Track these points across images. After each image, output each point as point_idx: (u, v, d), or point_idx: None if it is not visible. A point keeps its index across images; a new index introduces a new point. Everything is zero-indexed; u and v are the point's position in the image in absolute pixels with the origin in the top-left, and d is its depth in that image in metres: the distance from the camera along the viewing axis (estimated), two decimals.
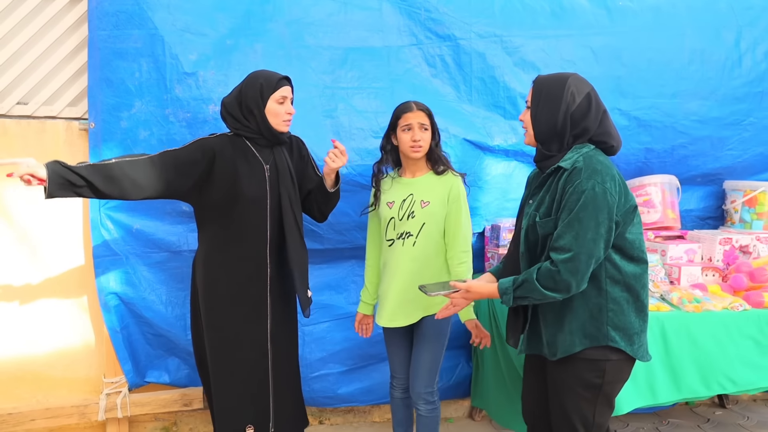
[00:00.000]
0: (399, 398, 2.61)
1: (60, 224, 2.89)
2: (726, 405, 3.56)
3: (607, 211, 1.74)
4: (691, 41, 3.17)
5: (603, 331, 1.82)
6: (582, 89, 1.85)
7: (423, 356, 2.44)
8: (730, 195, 3.26)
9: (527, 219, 1.90)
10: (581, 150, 1.84)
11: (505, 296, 1.84)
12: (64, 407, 2.80)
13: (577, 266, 1.72)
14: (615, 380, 1.88)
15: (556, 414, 1.95)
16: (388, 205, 2.44)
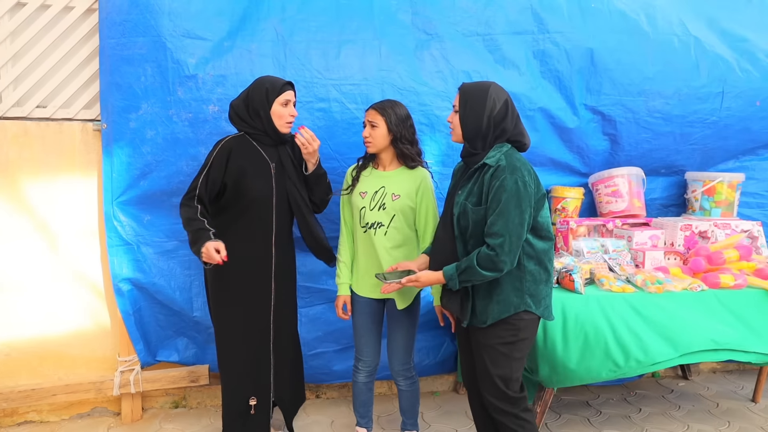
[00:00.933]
0: (362, 382, 2.68)
1: (77, 216, 3.06)
2: (688, 377, 3.77)
3: (527, 200, 2.06)
4: (656, 45, 3.33)
5: (523, 300, 2.13)
6: (501, 96, 2.15)
7: (399, 335, 2.60)
8: (691, 185, 3.43)
9: (458, 207, 2.16)
10: (501, 149, 2.14)
11: (451, 281, 2.13)
12: (82, 383, 2.98)
13: (510, 247, 2.03)
14: (526, 337, 2.18)
15: (480, 371, 2.22)
16: (361, 194, 2.54)
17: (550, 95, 3.29)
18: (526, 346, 2.21)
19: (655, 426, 3.12)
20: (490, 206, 2.06)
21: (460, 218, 2.16)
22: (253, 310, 2.53)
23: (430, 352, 3.39)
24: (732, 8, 3.45)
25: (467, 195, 2.15)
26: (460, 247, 2.18)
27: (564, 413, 3.27)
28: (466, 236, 2.16)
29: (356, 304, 2.64)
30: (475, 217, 2.11)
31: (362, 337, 2.64)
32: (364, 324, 2.63)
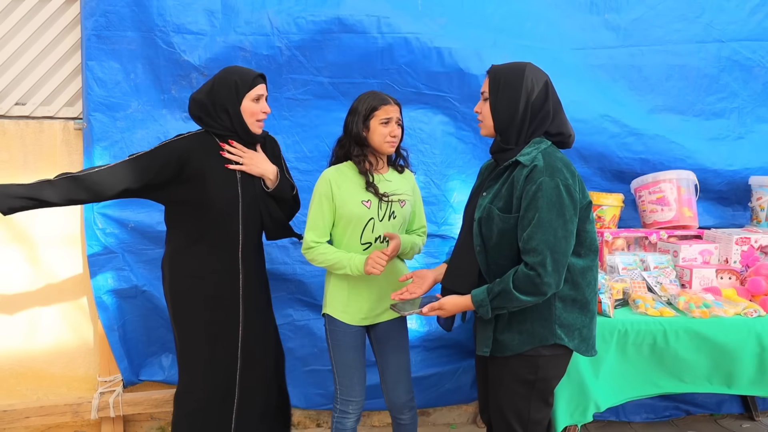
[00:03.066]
0: (351, 428, 2.40)
1: (58, 223, 2.99)
2: (755, 417, 3.45)
3: (572, 208, 1.79)
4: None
5: (552, 330, 1.86)
6: (540, 78, 1.89)
7: (400, 358, 2.40)
8: (756, 192, 3.14)
9: (480, 210, 1.89)
10: (539, 146, 1.86)
11: (482, 309, 1.85)
12: (57, 405, 2.90)
13: (555, 266, 1.76)
14: (549, 376, 1.92)
15: (493, 410, 2.00)
16: (364, 204, 2.28)
17: None
18: (551, 386, 1.96)
19: None
20: (524, 215, 1.80)
21: (482, 224, 1.89)
22: (218, 334, 2.31)
23: (444, 378, 3.22)
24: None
25: (493, 197, 1.89)
26: (481, 261, 1.92)
27: None
28: (488, 247, 1.90)
29: (343, 337, 2.35)
30: (503, 226, 1.84)
31: (353, 375, 2.36)
32: (355, 359, 2.36)
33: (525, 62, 1.92)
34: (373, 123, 2.27)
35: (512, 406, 1.94)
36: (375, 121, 2.26)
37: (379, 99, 2.29)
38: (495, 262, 1.89)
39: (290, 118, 3.02)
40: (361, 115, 2.27)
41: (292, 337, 3.10)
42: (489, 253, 1.89)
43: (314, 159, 3.04)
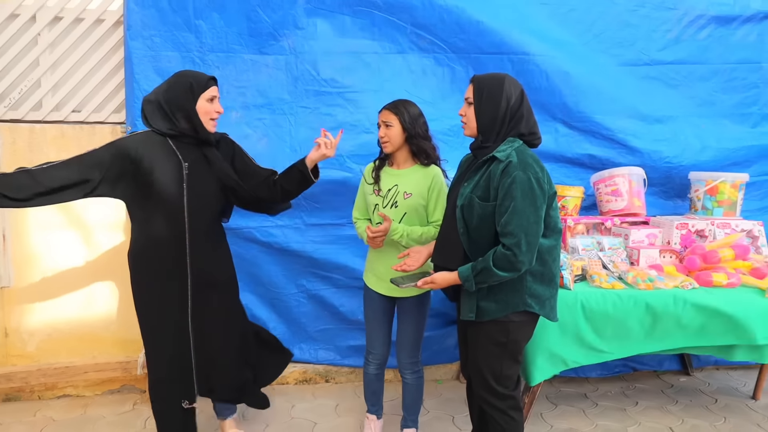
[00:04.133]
0: (373, 374, 2.50)
1: (108, 212, 3.03)
2: (690, 372, 3.47)
3: (542, 198, 1.80)
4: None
5: (523, 299, 1.88)
6: (516, 87, 1.89)
7: (409, 329, 2.40)
8: (694, 185, 3.14)
9: (462, 198, 1.90)
10: (513, 144, 1.87)
11: (467, 283, 1.86)
12: (110, 363, 2.98)
13: (528, 247, 1.77)
14: (518, 339, 1.94)
15: (472, 367, 2.02)
16: (375, 192, 2.35)
17: None
18: (520, 347, 1.98)
19: (650, 419, 2.87)
20: (501, 204, 1.81)
21: (464, 210, 1.90)
22: (169, 318, 2.16)
23: (433, 342, 3.22)
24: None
25: (473, 187, 1.89)
26: (465, 242, 1.93)
27: (561, 404, 3.06)
28: (470, 229, 1.91)
29: (368, 298, 2.45)
30: (482, 212, 1.85)
31: (373, 330, 2.46)
32: (376, 317, 2.44)
33: (503, 74, 1.93)
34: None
35: (487, 364, 1.96)
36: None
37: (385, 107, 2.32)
38: (476, 242, 1.90)
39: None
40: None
41: (305, 303, 3.14)
42: (470, 235, 1.90)
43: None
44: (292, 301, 3.13)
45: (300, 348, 3.20)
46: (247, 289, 3.12)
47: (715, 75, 3.30)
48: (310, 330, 3.17)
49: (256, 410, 2.86)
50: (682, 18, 3.20)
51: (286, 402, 3.01)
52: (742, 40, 3.25)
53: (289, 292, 3.12)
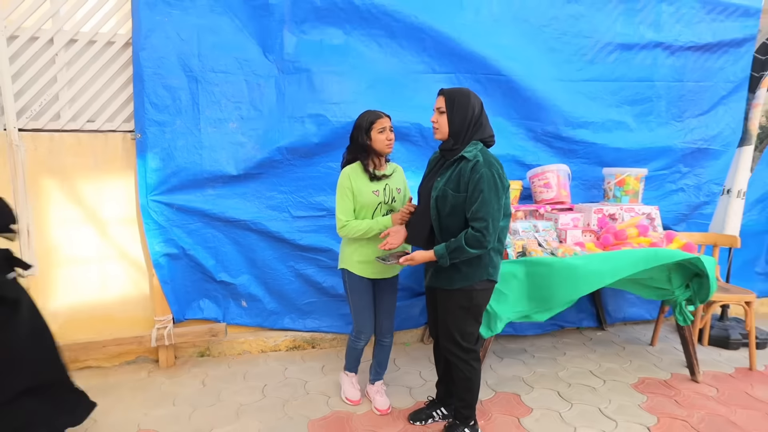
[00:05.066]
0: (362, 348, 2.49)
1: (120, 207, 3.03)
2: (605, 328, 3.73)
3: (502, 189, 1.95)
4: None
5: (486, 270, 2.03)
6: (478, 100, 2.03)
7: (390, 303, 2.48)
8: (607, 178, 3.36)
9: (437, 191, 2.02)
10: (477, 146, 2.00)
11: (442, 259, 1.99)
12: (126, 338, 2.96)
13: (493, 229, 1.92)
14: (480, 303, 2.09)
15: (441, 324, 2.15)
16: (374, 193, 2.30)
17: None
18: (481, 309, 2.12)
19: (575, 365, 3.09)
20: (471, 195, 1.91)
21: (439, 201, 2.00)
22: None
23: (400, 310, 3.33)
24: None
25: (446, 182, 1.99)
26: (436, 227, 2.04)
27: (506, 357, 3.24)
28: (442, 216, 2.02)
29: (360, 286, 2.37)
30: (454, 202, 1.96)
31: (364, 313, 2.40)
32: (366, 301, 2.39)
33: (466, 88, 2.04)
34: (373, 133, 2.27)
35: (455, 324, 2.08)
36: (374, 131, 2.27)
37: (375, 114, 2.29)
38: (446, 227, 2.02)
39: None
40: (363, 128, 2.28)
41: (294, 281, 3.21)
42: (442, 221, 2.03)
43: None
44: (283, 280, 3.20)
45: (291, 318, 3.29)
46: (246, 271, 3.19)
47: (621, 90, 3.54)
48: (298, 303, 3.25)
49: (255, 373, 2.96)
50: (595, 44, 3.44)
51: (279, 365, 3.10)
52: (641, 63, 3.51)
53: (281, 272, 3.19)
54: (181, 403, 2.59)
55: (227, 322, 3.20)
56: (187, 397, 2.66)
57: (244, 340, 3.26)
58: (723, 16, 3.54)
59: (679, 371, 2.99)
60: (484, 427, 2.34)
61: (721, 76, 3.67)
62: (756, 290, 4.09)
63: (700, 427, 2.33)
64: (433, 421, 2.40)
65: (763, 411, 2.49)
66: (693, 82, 3.64)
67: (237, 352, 3.26)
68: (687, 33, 3.54)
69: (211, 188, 3.04)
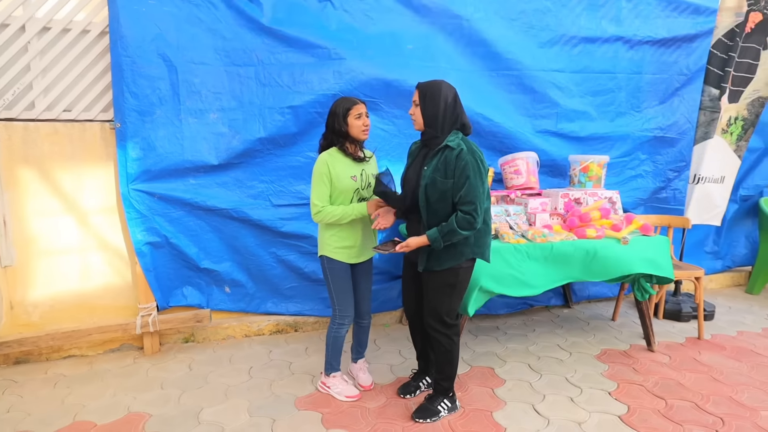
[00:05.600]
0: (344, 335, 2.47)
1: (100, 197, 3.01)
2: (571, 306, 3.97)
3: (485, 174, 2.08)
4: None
5: (472, 249, 2.16)
6: (451, 90, 2.13)
7: (368, 285, 2.55)
8: (572, 164, 3.53)
9: (426, 179, 2.11)
10: (458, 135, 2.12)
11: (436, 243, 2.08)
12: (111, 325, 2.96)
13: (480, 211, 2.05)
14: (464, 280, 2.22)
15: (428, 306, 2.25)
16: (352, 178, 2.32)
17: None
18: (465, 286, 2.23)
19: (543, 340, 3.30)
20: (458, 181, 2.02)
21: (428, 188, 2.09)
22: None
23: (379, 293, 3.49)
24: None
25: (433, 170, 2.07)
26: (424, 213, 2.12)
27: (480, 335, 3.42)
28: (430, 203, 2.10)
29: (340, 271, 2.39)
30: (443, 188, 2.06)
31: (347, 298, 2.41)
32: (348, 286, 2.42)
33: (440, 80, 2.13)
34: (350, 119, 2.30)
35: (441, 302, 2.18)
36: (351, 117, 2.30)
37: (351, 101, 2.31)
38: (435, 212, 2.11)
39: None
40: (340, 115, 2.29)
41: (276, 266, 3.27)
42: (431, 206, 2.11)
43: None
44: (266, 266, 3.26)
45: (273, 302, 3.36)
46: (228, 258, 3.24)
47: (586, 81, 3.73)
48: (280, 288, 3.33)
49: (240, 357, 3.04)
50: (561, 37, 3.61)
51: (264, 348, 3.18)
52: (603, 56, 3.71)
53: (263, 258, 3.25)
54: (169, 386, 2.65)
55: (211, 308, 3.25)
56: (174, 381, 2.72)
57: (228, 326, 3.33)
58: (676, 13, 3.77)
59: (637, 342, 3.24)
60: (462, 398, 2.50)
61: (676, 69, 3.91)
62: (705, 268, 4.43)
63: (654, 390, 2.56)
64: (420, 391, 2.54)
65: (707, 374, 2.75)
66: (650, 75, 3.87)
67: (221, 338, 3.32)
68: (645, 28, 3.75)
69: (193, 177, 3.07)
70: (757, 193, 4.44)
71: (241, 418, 2.34)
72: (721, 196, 3.99)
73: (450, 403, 2.35)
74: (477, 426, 2.24)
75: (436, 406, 2.32)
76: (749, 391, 2.55)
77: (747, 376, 2.72)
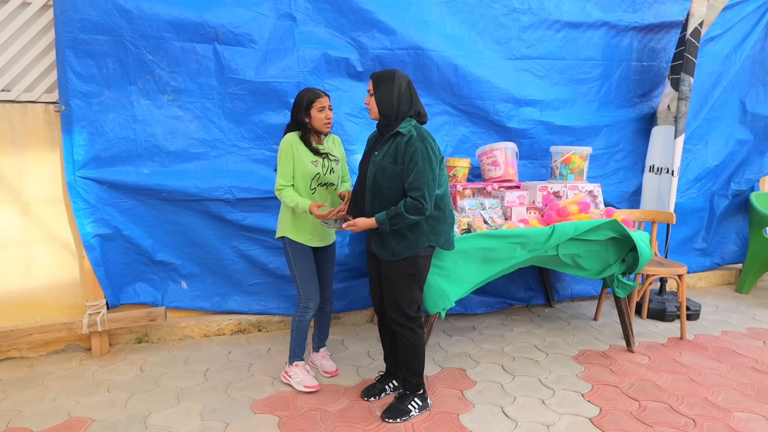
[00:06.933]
0: (309, 320, 2.55)
1: (45, 186, 2.92)
2: (552, 305, 3.97)
3: (436, 161, 2.13)
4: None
5: (427, 237, 2.19)
6: (404, 78, 2.19)
7: (331, 270, 2.68)
8: (554, 156, 3.53)
9: (374, 165, 2.18)
10: (411, 122, 2.17)
11: (383, 225, 2.14)
12: (54, 324, 2.88)
13: (429, 196, 2.09)
14: (423, 270, 2.25)
15: (386, 294, 2.29)
16: (313, 163, 2.43)
17: None
18: (424, 276, 2.27)
19: (520, 340, 3.29)
20: (407, 167, 2.09)
21: (377, 174, 2.16)
22: None
23: (350, 290, 3.47)
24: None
25: (383, 156, 2.16)
26: (369, 197, 2.20)
27: (454, 335, 3.40)
28: (382, 188, 2.16)
29: (305, 254, 2.49)
30: (392, 173, 2.13)
31: (310, 281, 2.50)
32: (311, 269, 2.51)
33: (394, 69, 2.21)
34: (312, 112, 2.40)
35: (401, 293, 2.23)
36: (314, 110, 2.39)
37: (315, 93, 2.40)
38: (385, 197, 2.16)
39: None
40: (303, 106, 2.39)
41: (238, 261, 3.23)
42: (381, 192, 2.17)
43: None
44: (227, 260, 3.21)
45: (235, 301, 3.31)
46: (187, 251, 3.17)
47: (569, 69, 3.73)
48: (244, 284, 3.28)
49: (197, 358, 2.98)
50: (544, 21, 3.59)
51: (223, 349, 3.12)
52: (587, 42, 3.71)
53: (224, 252, 3.20)
54: (116, 389, 2.59)
55: (166, 305, 3.18)
56: (123, 383, 2.65)
57: (186, 325, 3.26)
58: None
59: (617, 343, 3.24)
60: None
61: (664, 56, 3.92)
62: (695, 265, 4.46)
63: (630, 392, 2.56)
64: (385, 394, 2.52)
65: (686, 375, 2.76)
66: (637, 62, 3.87)
67: (178, 338, 3.26)
68: (631, 13, 3.75)
69: (147, 165, 2.99)
70: (748, 188, 4.48)
71: (192, 422, 2.28)
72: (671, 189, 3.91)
73: (421, 402, 2.35)
74: (441, 429, 2.21)
75: (407, 406, 2.32)
76: (726, 392, 2.56)
77: (725, 377, 2.73)
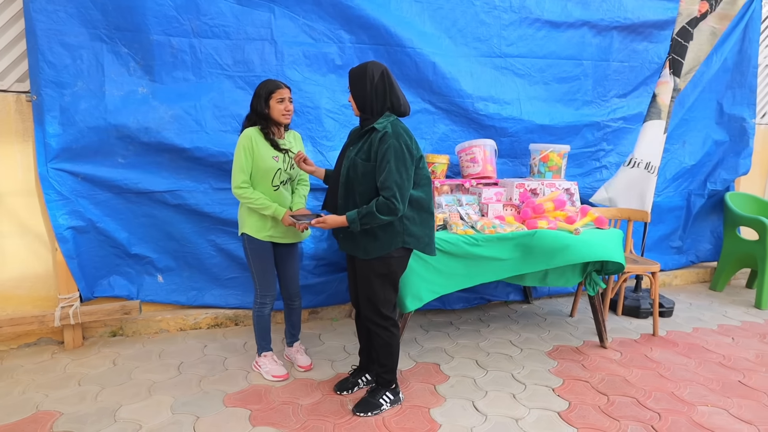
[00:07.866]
0: (268, 314, 2.65)
1: (17, 177, 2.93)
2: (530, 301, 4.07)
3: (411, 159, 2.11)
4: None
5: (402, 238, 2.20)
6: (378, 68, 2.17)
7: (295, 265, 2.72)
8: (533, 154, 3.60)
9: (348, 161, 2.19)
10: (389, 118, 2.17)
11: (353, 224, 2.14)
12: (25, 317, 2.90)
13: (401, 197, 2.08)
14: (397, 270, 2.27)
15: (361, 295, 2.32)
16: (274, 158, 2.46)
17: None
18: (397, 277, 2.28)
19: (496, 336, 3.38)
20: (380, 165, 2.06)
21: (350, 170, 2.16)
22: None
23: (327, 285, 3.52)
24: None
25: (357, 152, 2.16)
26: (341, 192, 2.19)
27: (431, 330, 3.48)
28: (354, 185, 2.16)
29: (263, 250, 2.55)
30: (364, 170, 2.12)
31: (268, 276, 2.59)
32: (269, 264, 2.59)
33: (369, 61, 2.19)
34: (272, 102, 2.44)
35: (374, 292, 2.24)
36: (273, 101, 2.44)
37: (274, 84, 2.45)
38: (360, 194, 2.17)
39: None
40: (262, 97, 2.44)
41: (215, 255, 3.26)
42: (354, 189, 2.18)
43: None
44: (204, 254, 3.24)
45: (212, 295, 3.34)
46: (163, 244, 3.20)
47: (550, 67, 3.81)
48: (221, 278, 3.31)
49: (171, 352, 3.03)
50: (524, 20, 3.67)
51: (199, 343, 3.17)
52: (568, 41, 3.79)
53: (201, 246, 3.23)
54: (87, 383, 2.63)
55: (142, 299, 3.21)
56: (94, 377, 2.69)
57: (162, 319, 3.30)
58: None
59: (591, 339, 3.35)
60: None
61: (645, 57, 4.03)
62: (671, 263, 4.60)
63: (599, 387, 2.67)
64: (358, 388, 2.58)
65: (655, 370, 2.88)
66: (618, 62, 3.97)
67: (153, 331, 3.30)
68: (612, 12, 3.84)
69: (122, 156, 3.01)
70: (724, 188, 4.62)
71: (162, 415, 2.33)
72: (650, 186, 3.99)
73: (392, 396, 2.41)
74: (411, 422, 2.29)
75: (378, 399, 2.38)
76: (692, 386, 2.68)
77: (693, 372, 2.86)
